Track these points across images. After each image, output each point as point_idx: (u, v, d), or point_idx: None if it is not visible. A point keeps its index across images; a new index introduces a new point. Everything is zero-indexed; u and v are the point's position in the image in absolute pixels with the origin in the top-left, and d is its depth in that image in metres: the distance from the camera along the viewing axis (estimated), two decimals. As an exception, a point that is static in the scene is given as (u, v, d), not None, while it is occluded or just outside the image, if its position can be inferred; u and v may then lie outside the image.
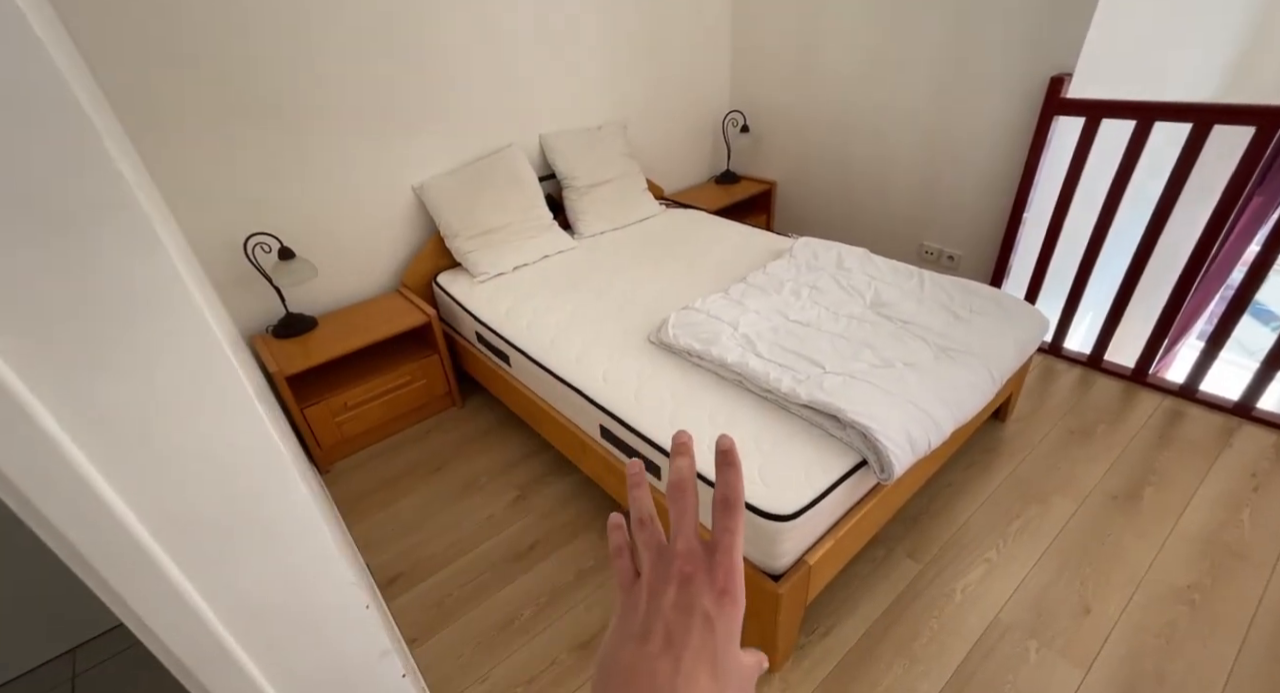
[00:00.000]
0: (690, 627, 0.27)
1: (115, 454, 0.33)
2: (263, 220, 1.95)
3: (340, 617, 0.47)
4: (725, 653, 0.27)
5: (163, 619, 0.39)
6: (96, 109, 0.49)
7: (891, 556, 1.59)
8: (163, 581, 0.38)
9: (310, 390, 2.02)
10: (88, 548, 0.34)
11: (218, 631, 0.41)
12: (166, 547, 0.37)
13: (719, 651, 0.27)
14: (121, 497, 0.34)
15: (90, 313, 0.29)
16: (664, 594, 0.28)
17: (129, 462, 0.34)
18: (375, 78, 2.04)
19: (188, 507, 0.37)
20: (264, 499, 0.40)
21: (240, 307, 2.04)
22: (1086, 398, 2.08)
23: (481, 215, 2.30)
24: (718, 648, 0.27)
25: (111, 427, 0.33)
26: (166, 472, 0.36)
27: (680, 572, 0.29)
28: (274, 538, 0.41)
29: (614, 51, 2.65)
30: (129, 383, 0.32)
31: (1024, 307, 1.72)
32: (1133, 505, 1.66)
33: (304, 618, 0.44)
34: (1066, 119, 2.03)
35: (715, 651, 0.27)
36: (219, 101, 1.77)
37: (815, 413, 1.35)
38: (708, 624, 0.27)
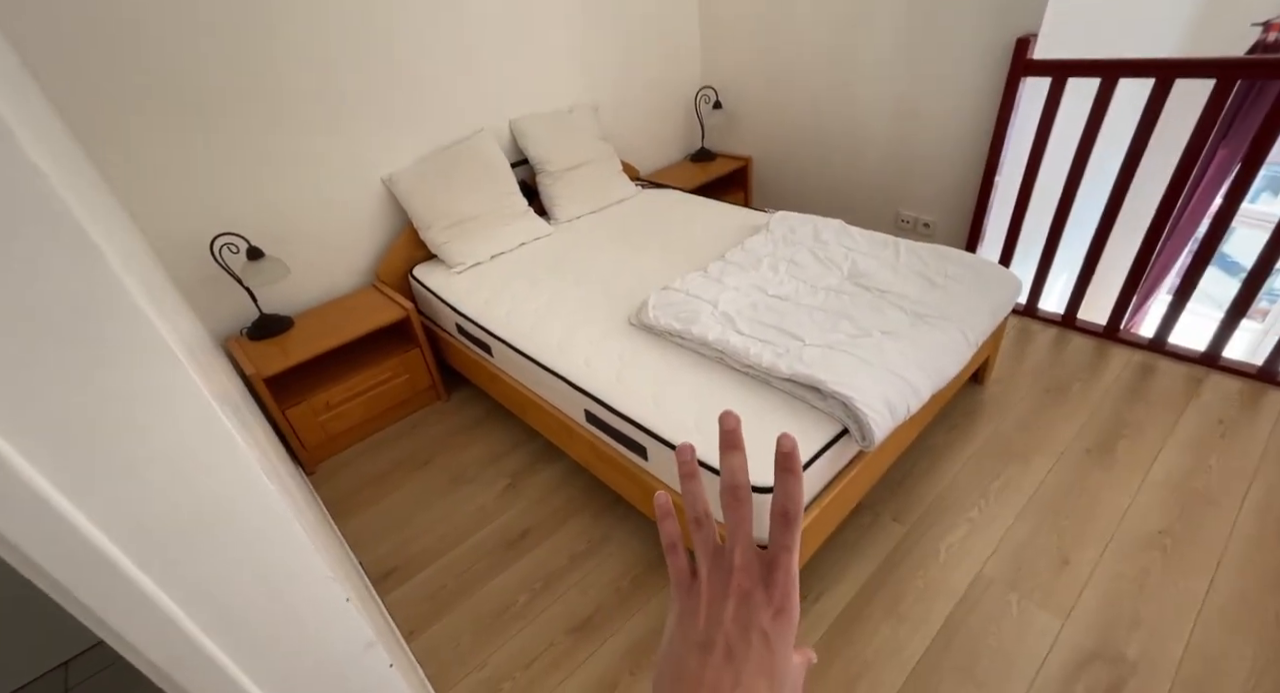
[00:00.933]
0: (750, 643, 0.28)
1: (66, 464, 0.33)
2: (229, 220, 1.90)
3: (320, 612, 0.47)
4: (782, 665, 0.29)
5: (137, 629, 0.38)
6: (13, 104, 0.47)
7: (878, 520, 1.62)
8: (132, 589, 0.37)
9: (290, 391, 1.99)
10: (47, 561, 0.33)
11: (195, 636, 0.41)
12: (131, 555, 0.37)
13: (776, 664, 0.28)
14: (76, 506, 0.33)
15: (18, 323, 0.28)
16: (724, 608, 0.29)
17: (81, 471, 0.33)
18: (335, 68, 1.98)
19: (150, 513, 0.37)
20: (230, 501, 0.39)
21: (212, 310, 2.00)
22: (1061, 357, 2.13)
23: (454, 205, 2.26)
24: (775, 662, 0.28)
25: (58, 437, 0.32)
26: (123, 479, 0.35)
27: (739, 587, 0.30)
28: (244, 539, 0.41)
29: (581, 32, 2.59)
30: (71, 392, 0.32)
31: (997, 270, 1.75)
32: (1107, 458, 1.71)
33: (282, 616, 0.44)
34: (1034, 80, 2.04)
35: (773, 664, 0.28)
36: (173, 101, 1.71)
37: (797, 386, 1.37)
38: (765, 641, 0.28)
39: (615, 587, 1.54)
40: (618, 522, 1.72)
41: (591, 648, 1.42)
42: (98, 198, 0.92)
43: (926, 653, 1.32)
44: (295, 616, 0.45)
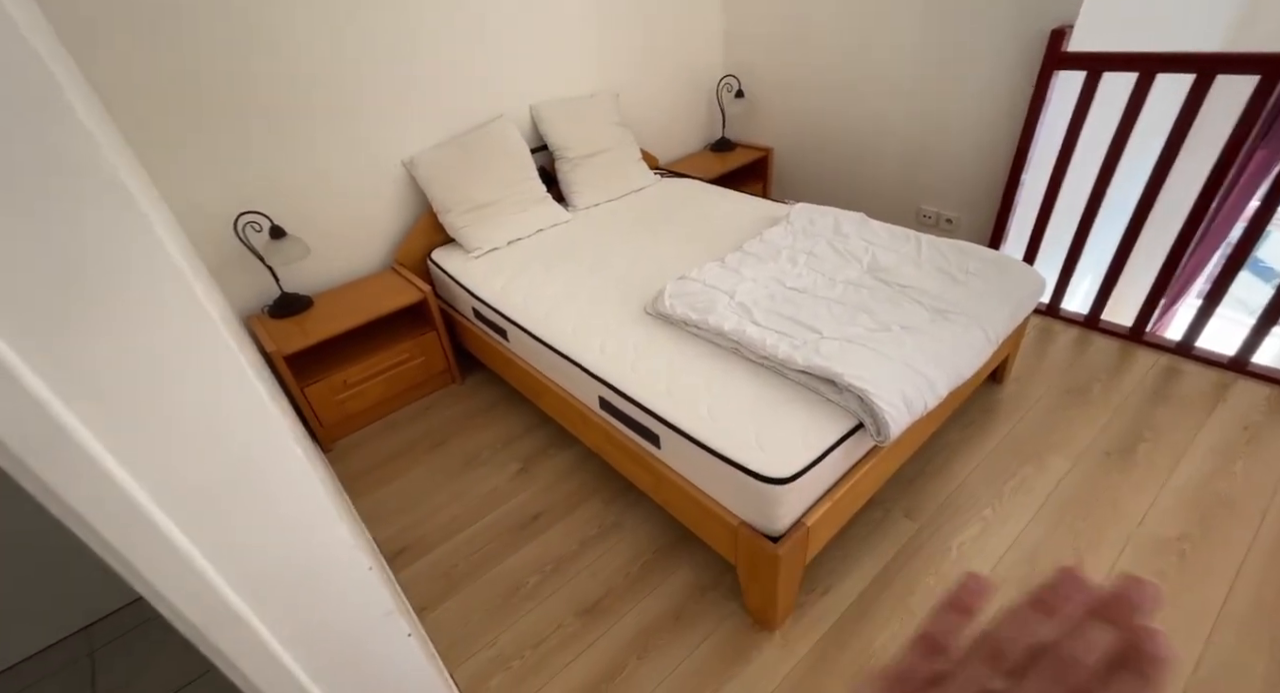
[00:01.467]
0: None
1: (108, 418, 0.34)
2: (253, 200, 1.93)
3: (342, 576, 0.48)
4: None
5: (170, 582, 0.39)
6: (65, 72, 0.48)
7: (889, 516, 1.62)
8: (166, 544, 0.38)
9: (309, 370, 2.02)
10: (89, 512, 0.34)
11: (224, 592, 0.42)
12: (168, 510, 0.38)
13: None
14: (117, 460, 0.34)
15: (69, 276, 0.29)
16: None
17: (122, 425, 0.34)
18: (358, 52, 1.99)
19: (185, 469, 0.38)
20: (259, 462, 0.40)
21: (235, 287, 2.03)
22: (1083, 358, 2.09)
23: (473, 189, 2.27)
24: None
25: (102, 391, 0.33)
26: (160, 435, 0.36)
27: None
28: (272, 499, 0.41)
29: (604, 17, 2.57)
30: (115, 348, 0.32)
31: (1020, 267, 1.72)
32: (1127, 461, 1.69)
33: (306, 577, 0.45)
34: (1067, 73, 1.99)
35: None
36: (203, 83, 1.74)
37: (812, 378, 1.36)
38: None
39: (625, 572, 1.56)
40: (629, 508, 1.73)
41: (600, 630, 1.43)
42: (133, 171, 0.94)
43: (934, 649, 1.31)
44: (317, 577, 0.46)
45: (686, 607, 1.46)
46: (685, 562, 1.56)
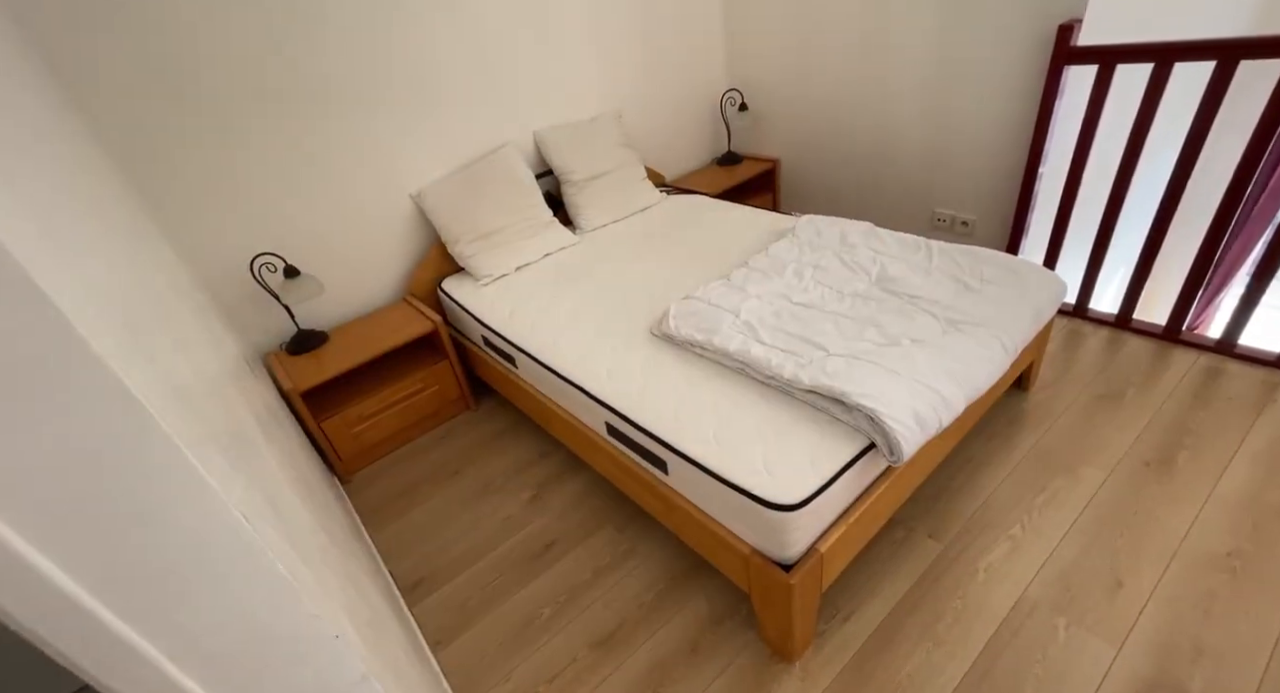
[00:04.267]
0: None
1: (33, 518, 0.33)
2: (268, 241, 1.99)
3: (307, 650, 0.48)
4: None
5: (122, 678, 0.39)
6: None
7: (911, 536, 1.55)
8: (113, 639, 0.38)
9: (326, 404, 2.06)
10: (21, 614, 0.34)
11: (179, 680, 0.42)
12: (109, 605, 0.37)
13: None
14: (46, 556, 0.34)
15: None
16: None
17: (49, 522, 0.34)
18: (364, 86, 2.04)
19: (124, 562, 0.37)
20: (207, 547, 0.40)
21: (255, 326, 2.09)
22: (1115, 361, 1.99)
23: (480, 218, 2.30)
24: None
25: (22, 488, 0.33)
26: (93, 528, 0.36)
27: None
28: (224, 584, 0.41)
29: (603, 39, 2.60)
30: (32, 444, 0.32)
31: (1038, 271, 1.65)
32: (1166, 471, 1.59)
33: (267, 657, 0.45)
34: (1078, 68, 1.92)
35: None
36: (216, 131, 1.80)
37: (819, 398, 1.32)
38: None
39: (639, 601, 1.53)
40: (641, 534, 1.70)
41: (615, 664, 1.40)
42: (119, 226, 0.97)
43: (964, 680, 1.25)
44: (279, 655, 0.45)
45: (703, 638, 1.42)
46: (700, 590, 1.52)
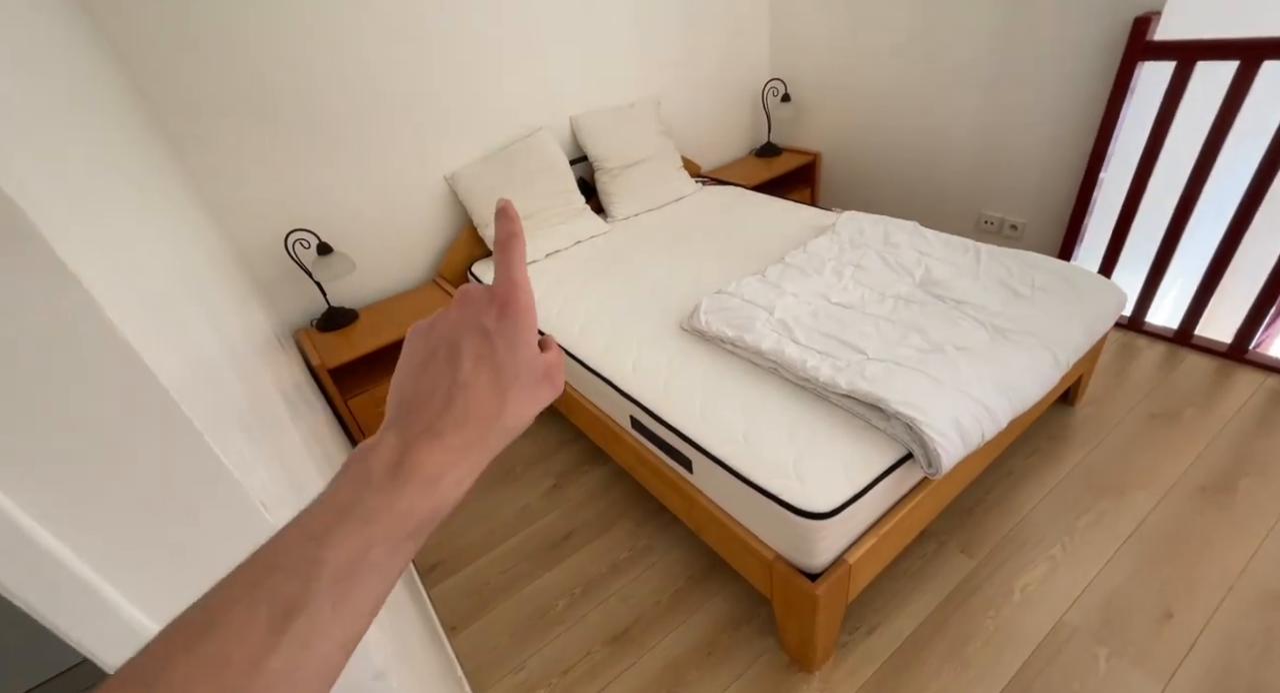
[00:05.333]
0: (465, 340, 0.29)
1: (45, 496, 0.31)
2: (302, 217, 2.00)
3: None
4: (508, 358, 0.29)
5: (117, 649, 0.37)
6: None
7: (943, 549, 1.49)
8: (115, 618, 0.36)
9: (354, 382, 2.08)
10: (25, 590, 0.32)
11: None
12: (116, 585, 0.36)
13: (499, 357, 0.28)
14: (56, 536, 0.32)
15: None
16: (444, 319, 0.30)
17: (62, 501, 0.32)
18: (403, 68, 2.03)
19: (134, 544, 0.35)
20: (222, 536, 0.38)
21: (287, 302, 2.11)
22: (1172, 378, 1.88)
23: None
24: (498, 356, 0.28)
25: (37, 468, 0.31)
26: (104, 508, 0.34)
27: (461, 297, 0.31)
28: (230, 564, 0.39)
29: (645, 24, 2.54)
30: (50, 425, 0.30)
31: (1096, 280, 1.55)
32: (1225, 499, 1.49)
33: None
34: (1152, 64, 1.80)
35: (496, 358, 0.28)
36: (256, 108, 1.81)
37: (856, 403, 1.26)
38: (486, 337, 0.29)
39: (655, 600, 1.50)
40: (661, 530, 1.67)
41: (629, 661, 1.38)
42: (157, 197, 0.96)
43: (993, 705, 1.19)
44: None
45: (719, 641, 1.39)
46: (718, 592, 1.49)
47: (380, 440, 0.26)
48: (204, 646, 0.20)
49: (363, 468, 0.25)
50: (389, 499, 0.24)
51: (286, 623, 0.21)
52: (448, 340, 0.29)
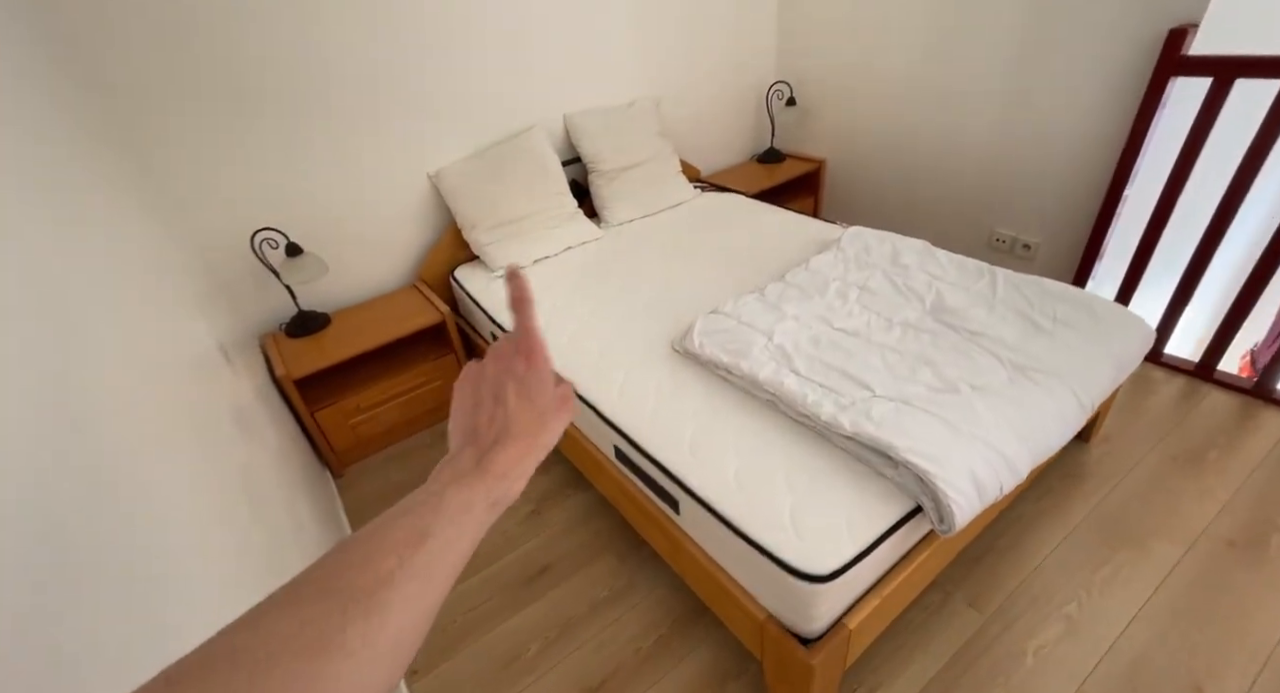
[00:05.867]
0: (506, 385, 0.39)
1: None
2: (270, 215, 1.86)
3: None
4: (539, 396, 0.39)
5: None
6: None
7: (949, 602, 1.37)
8: None
9: (323, 391, 1.94)
10: None
11: None
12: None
13: (533, 395, 0.39)
14: None
15: None
16: (483, 373, 0.40)
17: None
18: (384, 58, 1.89)
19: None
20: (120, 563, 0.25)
21: (253, 304, 1.97)
22: (1194, 415, 1.77)
23: (501, 205, 2.14)
24: (532, 394, 0.39)
25: None
26: None
27: (496, 354, 0.41)
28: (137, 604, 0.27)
29: (648, 21, 2.41)
30: None
31: (1122, 313, 1.43)
32: (1256, 556, 1.38)
33: None
34: (1186, 80, 1.68)
35: (530, 396, 0.39)
36: (217, 94, 1.67)
37: (862, 447, 1.14)
38: (521, 383, 0.39)
39: (636, 647, 1.38)
40: (644, 566, 1.55)
41: (602, 717, 1.26)
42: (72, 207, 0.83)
43: (1003, 787, 1.08)
44: None
45: (703, 698, 1.27)
46: (705, 639, 1.37)
47: (460, 453, 0.37)
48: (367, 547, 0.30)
49: (454, 466, 0.36)
50: (479, 479, 0.35)
51: (422, 541, 0.31)
52: (493, 387, 0.39)
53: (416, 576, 0.29)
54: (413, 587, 0.29)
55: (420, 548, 0.30)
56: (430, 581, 0.30)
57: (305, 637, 0.25)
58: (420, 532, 0.31)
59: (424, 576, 0.30)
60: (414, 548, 0.30)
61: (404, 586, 0.29)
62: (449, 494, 0.33)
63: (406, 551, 0.30)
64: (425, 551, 0.30)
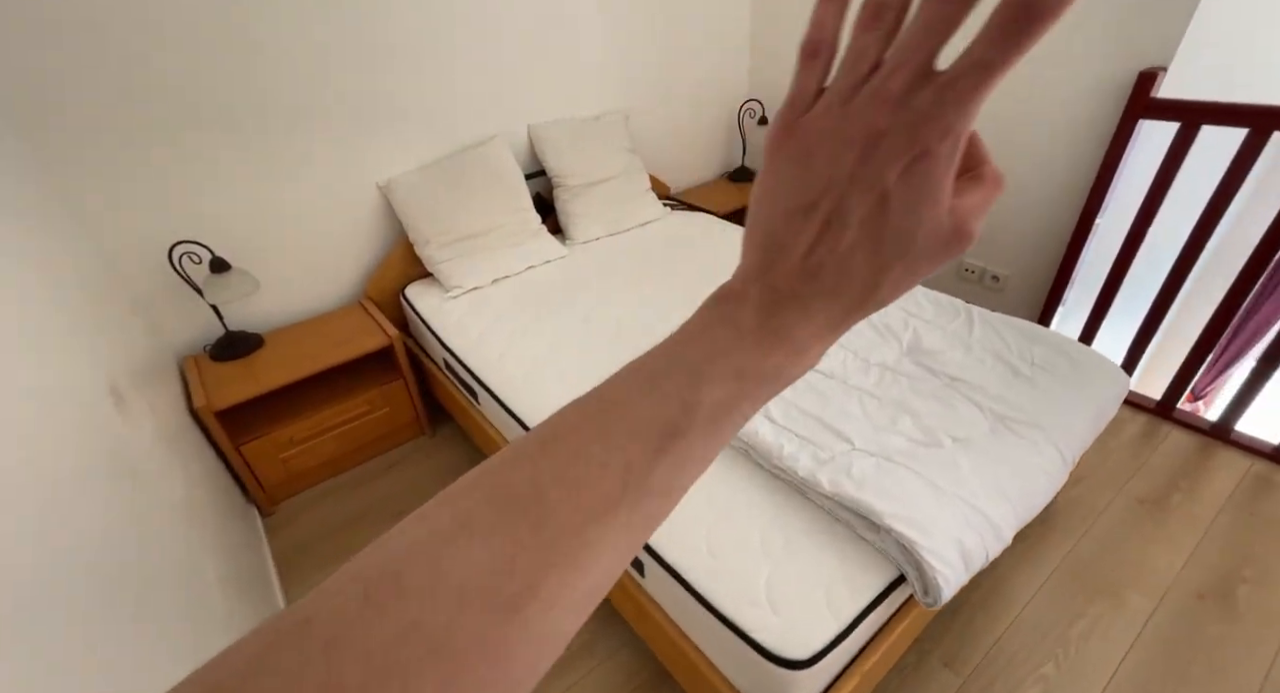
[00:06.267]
0: (856, 200, 0.21)
1: None
2: (193, 226, 1.67)
3: None
4: (901, 228, 0.21)
5: None
6: None
7: (925, 662, 1.31)
8: None
9: (251, 421, 1.75)
10: None
11: None
12: None
13: (891, 227, 0.21)
14: None
15: None
16: (841, 157, 0.21)
17: None
18: (328, 55, 1.73)
19: None
20: None
21: (173, 322, 1.77)
22: (1156, 457, 1.77)
23: (457, 219, 2.00)
24: (889, 225, 0.21)
25: None
26: None
27: (872, 126, 0.21)
28: None
29: (616, 31, 2.30)
30: None
31: (1098, 360, 1.40)
32: (1227, 610, 1.36)
33: None
34: (1153, 124, 1.68)
35: (885, 228, 0.21)
36: (125, 87, 1.47)
37: (841, 507, 1.06)
38: (881, 200, 0.21)
39: (592, 717, 1.26)
40: (604, 624, 1.43)
41: (554, 802, 1.13)
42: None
43: None
44: None
45: (666, 779, 1.16)
46: (669, 708, 1.26)
47: (746, 291, 0.24)
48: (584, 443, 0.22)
49: (732, 317, 0.24)
50: (759, 358, 0.23)
51: (667, 444, 0.22)
52: (835, 193, 0.22)
53: (646, 498, 0.21)
54: (636, 517, 0.21)
55: (660, 458, 0.22)
56: (658, 507, 0.22)
57: (497, 582, 0.19)
58: (663, 431, 0.22)
59: (655, 498, 0.22)
60: (652, 458, 0.21)
61: (626, 512, 0.21)
62: (712, 373, 0.23)
63: (641, 457, 0.21)
64: (665, 462, 0.22)
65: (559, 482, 0.21)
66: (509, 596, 0.19)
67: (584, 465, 0.21)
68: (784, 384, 0.24)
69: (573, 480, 0.21)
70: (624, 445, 0.21)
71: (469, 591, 0.19)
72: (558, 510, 0.20)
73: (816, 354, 0.24)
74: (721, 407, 0.23)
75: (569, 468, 0.21)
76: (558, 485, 0.21)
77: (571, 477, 0.21)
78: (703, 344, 0.24)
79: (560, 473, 0.21)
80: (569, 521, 0.20)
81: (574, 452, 0.21)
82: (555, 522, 0.20)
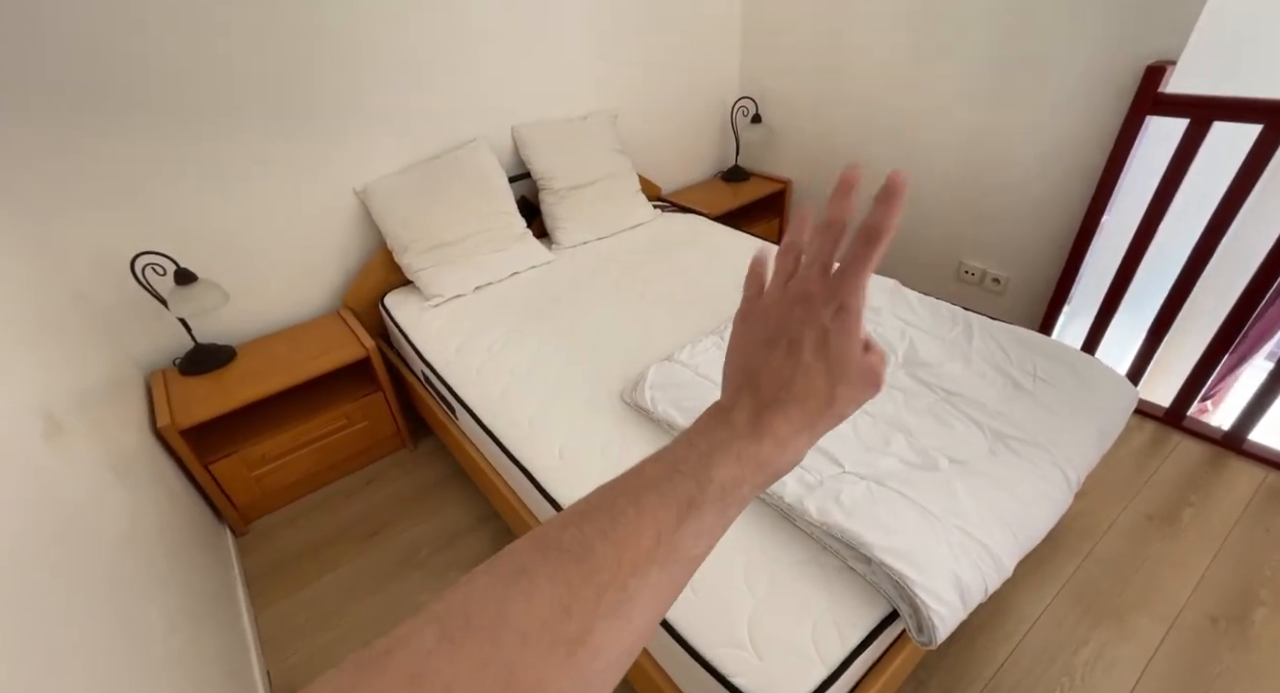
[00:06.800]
0: (806, 333, 0.31)
1: None
2: (158, 235, 1.60)
3: None
4: (840, 356, 0.30)
5: None
6: None
7: (922, 691, 1.24)
8: None
9: (222, 438, 1.69)
10: None
11: None
12: None
13: (832, 355, 0.30)
14: None
15: None
16: (789, 313, 0.32)
17: None
18: (301, 54, 1.66)
19: None
20: None
21: (139, 338, 1.70)
22: (1165, 469, 1.69)
23: (438, 224, 1.93)
24: (831, 354, 0.30)
25: None
26: None
27: (801, 292, 0.32)
28: None
29: (604, 27, 2.23)
30: None
31: (1104, 371, 1.33)
32: (1241, 634, 1.29)
33: None
34: (1161, 120, 1.60)
35: (828, 356, 0.30)
36: (85, 82, 1.40)
37: (830, 537, 0.99)
38: (824, 336, 0.31)
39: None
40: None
41: None
42: None
43: None
44: None
45: None
46: (651, 744, 1.19)
47: (736, 402, 0.31)
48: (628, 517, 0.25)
49: (727, 419, 0.30)
50: (753, 446, 0.29)
51: (686, 515, 0.26)
52: (790, 331, 0.31)
53: (672, 560, 0.25)
54: (664, 577, 0.25)
55: (683, 525, 0.26)
56: (680, 572, 0.26)
57: (555, 625, 0.22)
58: (685, 503, 0.27)
59: (679, 564, 0.26)
60: (676, 523, 0.26)
61: (658, 571, 0.25)
62: (719, 459, 0.28)
63: (668, 524, 0.26)
64: (688, 529, 0.26)
65: (604, 540, 0.24)
66: (566, 637, 0.22)
67: (624, 528, 0.25)
68: (774, 474, 0.30)
69: (616, 540, 0.24)
70: (655, 514, 0.25)
71: (531, 631, 0.21)
72: (605, 564, 0.24)
73: (796, 448, 0.30)
74: (729, 484, 0.28)
75: (612, 530, 0.25)
76: (603, 543, 0.24)
77: (615, 537, 0.24)
78: (708, 439, 0.29)
79: (604, 532, 0.25)
80: (615, 574, 0.23)
81: (614, 517, 0.25)
82: (604, 573, 0.23)
